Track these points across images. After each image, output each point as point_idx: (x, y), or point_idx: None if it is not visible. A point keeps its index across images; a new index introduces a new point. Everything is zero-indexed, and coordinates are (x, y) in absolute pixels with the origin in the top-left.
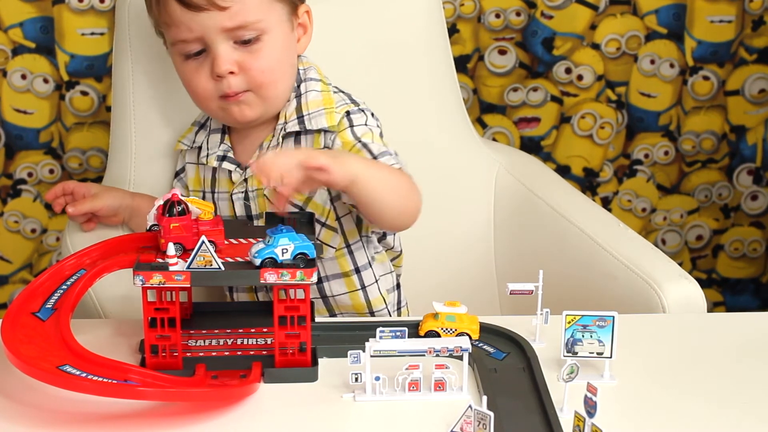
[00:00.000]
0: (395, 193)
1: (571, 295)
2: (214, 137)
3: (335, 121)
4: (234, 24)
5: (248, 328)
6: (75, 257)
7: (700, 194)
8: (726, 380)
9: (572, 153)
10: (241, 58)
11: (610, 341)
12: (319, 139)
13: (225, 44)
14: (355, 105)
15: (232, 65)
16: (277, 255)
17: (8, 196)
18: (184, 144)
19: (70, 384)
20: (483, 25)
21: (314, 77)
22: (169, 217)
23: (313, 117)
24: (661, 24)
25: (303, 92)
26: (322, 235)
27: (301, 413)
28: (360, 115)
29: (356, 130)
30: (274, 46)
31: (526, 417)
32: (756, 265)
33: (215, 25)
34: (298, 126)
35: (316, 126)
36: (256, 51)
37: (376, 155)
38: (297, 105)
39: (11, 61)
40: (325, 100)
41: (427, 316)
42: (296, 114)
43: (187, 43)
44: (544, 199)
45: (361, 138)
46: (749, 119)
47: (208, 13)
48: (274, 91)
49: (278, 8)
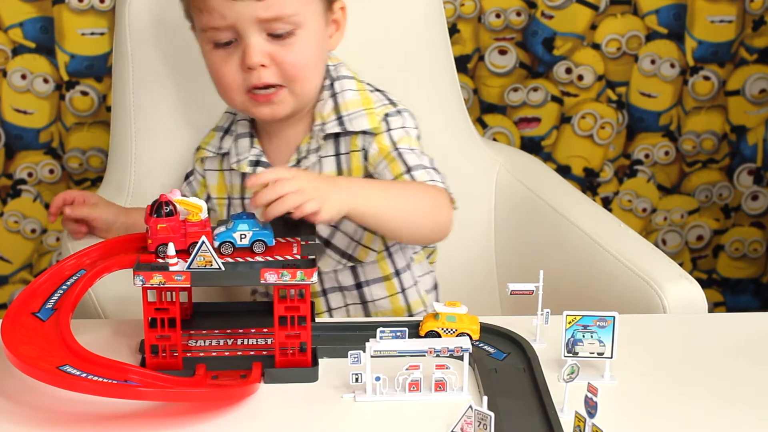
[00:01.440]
0: (413, 216)
1: (571, 295)
2: (242, 142)
3: (377, 122)
4: (270, 15)
5: (248, 329)
6: (75, 257)
7: (700, 194)
8: (726, 380)
9: (572, 153)
10: (274, 50)
11: (610, 341)
12: (357, 140)
13: (258, 36)
14: (393, 105)
15: (263, 57)
16: (235, 239)
17: (8, 196)
18: (209, 151)
19: (70, 384)
20: (483, 25)
21: (347, 74)
22: (156, 217)
23: (353, 118)
24: (661, 24)
25: (338, 91)
26: (364, 239)
27: (301, 413)
28: (398, 118)
29: (393, 134)
30: (308, 41)
31: (526, 417)
32: (756, 266)
33: (250, 15)
34: (338, 127)
35: (357, 128)
36: (289, 45)
37: (410, 167)
38: (334, 105)
39: (11, 61)
40: (364, 100)
41: (428, 316)
42: (335, 114)
43: (219, 31)
44: (545, 199)
45: (398, 144)
46: (750, 119)
47: (244, 2)
48: (307, 86)
49: (314, 3)
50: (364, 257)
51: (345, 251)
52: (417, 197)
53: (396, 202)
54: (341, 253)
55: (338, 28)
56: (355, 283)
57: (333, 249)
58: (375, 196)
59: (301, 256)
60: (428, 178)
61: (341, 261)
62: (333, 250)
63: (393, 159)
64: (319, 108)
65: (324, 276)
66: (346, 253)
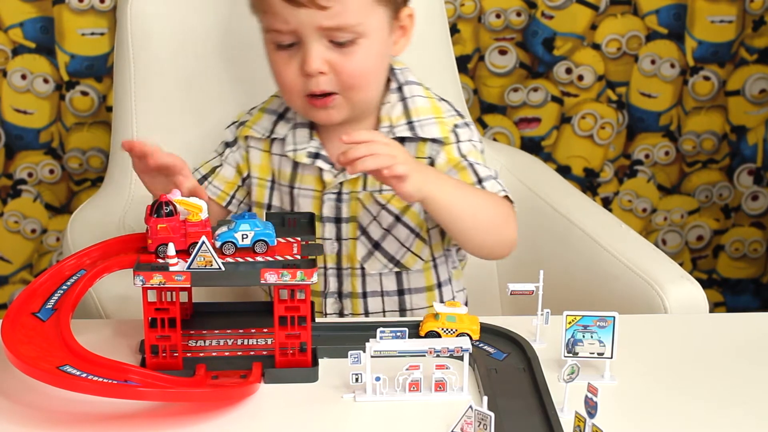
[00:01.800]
0: (483, 222)
1: (572, 295)
2: (301, 131)
3: (447, 132)
4: (332, 24)
5: (248, 329)
6: (75, 257)
7: (700, 194)
8: (727, 381)
9: (573, 153)
10: (334, 58)
11: (610, 342)
12: (424, 148)
13: (319, 42)
14: (461, 117)
15: (322, 65)
16: (237, 240)
17: (8, 196)
18: (255, 131)
19: (70, 384)
20: (483, 25)
21: (414, 80)
22: (156, 217)
23: (424, 124)
24: (661, 24)
25: (408, 96)
26: (414, 246)
27: (301, 413)
28: (466, 130)
29: (462, 146)
30: (369, 51)
31: (526, 417)
32: (756, 266)
33: (312, 22)
34: (408, 132)
35: (428, 134)
36: (349, 53)
37: (482, 178)
38: (404, 109)
39: (11, 61)
40: (434, 108)
41: (428, 316)
42: (405, 119)
43: (281, 34)
44: (545, 199)
45: (467, 156)
46: (750, 119)
47: (307, 9)
48: (364, 95)
49: (380, 12)
50: (411, 264)
51: (393, 256)
52: (490, 206)
53: (471, 204)
54: (389, 258)
55: (404, 33)
56: (398, 289)
57: (382, 252)
58: (454, 193)
59: (301, 256)
60: (499, 189)
61: (388, 265)
62: (382, 254)
63: (463, 168)
64: (387, 111)
65: (368, 278)
66: (395, 258)
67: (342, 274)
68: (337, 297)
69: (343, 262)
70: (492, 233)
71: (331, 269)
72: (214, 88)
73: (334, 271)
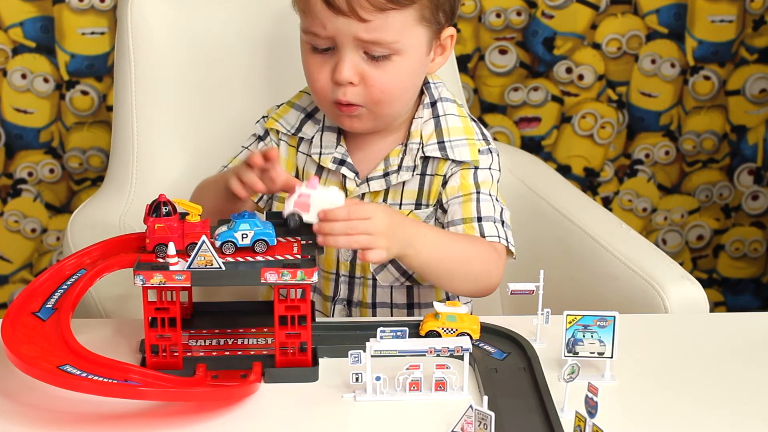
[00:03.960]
0: (459, 273)
1: (572, 295)
2: (329, 135)
3: (476, 155)
4: (369, 38)
5: (248, 328)
6: (75, 257)
7: (700, 194)
8: (727, 380)
9: (573, 153)
10: (366, 70)
11: (611, 341)
12: (444, 166)
13: (354, 53)
14: (486, 143)
15: (354, 76)
16: (237, 239)
17: (8, 196)
18: (282, 126)
19: (71, 384)
20: (483, 24)
21: (449, 98)
22: (155, 217)
23: (455, 145)
24: (661, 24)
25: (441, 114)
26: None
27: (301, 413)
28: (487, 157)
29: (479, 174)
30: (403, 69)
31: (526, 417)
32: (757, 265)
33: (350, 32)
34: (438, 152)
35: (459, 157)
36: (383, 68)
37: (482, 216)
38: (436, 128)
39: (11, 60)
40: (466, 129)
41: (428, 315)
42: (436, 138)
43: (318, 38)
44: (546, 198)
45: (480, 187)
46: (750, 119)
47: (347, 19)
48: (389, 110)
49: (420, 32)
50: (423, 280)
51: (406, 271)
52: (473, 259)
53: (450, 261)
54: (402, 272)
55: (443, 52)
56: (407, 302)
57: (395, 266)
58: (430, 257)
59: (301, 255)
60: (494, 234)
61: (400, 279)
62: (395, 267)
63: (469, 200)
64: (419, 126)
65: (378, 290)
66: (407, 273)
67: (354, 283)
68: (346, 304)
69: (356, 270)
70: (468, 284)
71: (343, 276)
72: (214, 88)
73: (345, 278)
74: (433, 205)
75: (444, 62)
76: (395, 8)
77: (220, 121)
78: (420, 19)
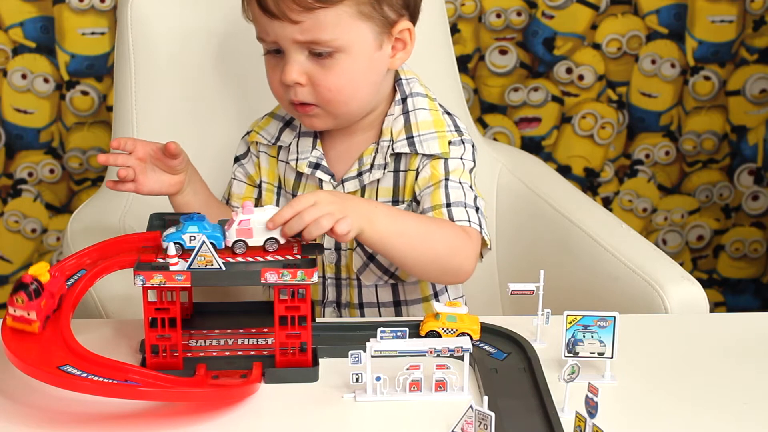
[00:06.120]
0: (419, 252)
1: (572, 295)
2: (305, 141)
3: (446, 147)
4: (306, 39)
5: (249, 328)
6: (75, 257)
7: (701, 194)
8: (727, 381)
9: (573, 153)
10: (312, 70)
11: (611, 341)
12: (416, 160)
13: (298, 54)
14: (459, 134)
15: (300, 76)
16: (185, 241)
17: (8, 196)
18: (263, 137)
19: (70, 384)
20: (484, 25)
21: (420, 92)
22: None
23: (424, 140)
24: (662, 24)
25: (411, 109)
26: None
27: (301, 413)
28: (459, 148)
29: (450, 163)
30: (350, 66)
31: (527, 417)
32: (757, 266)
33: (286, 35)
34: (407, 147)
35: (428, 150)
36: (329, 67)
37: (451, 202)
38: (406, 123)
39: (11, 60)
40: (436, 122)
41: (428, 316)
42: (405, 134)
43: (265, 42)
44: (546, 199)
45: (449, 175)
46: (750, 119)
47: (280, 22)
48: (344, 108)
49: (363, 28)
50: (405, 276)
51: (388, 269)
52: (437, 237)
53: (410, 239)
54: (384, 270)
55: (404, 47)
56: (394, 300)
57: (376, 264)
58: (389, 230)
59: (301, 256)
60: (464, 218)
61: (383, 277)
62: (376, 266)
63: (438, 187)
64: (389, 123)
65: (364, 290)
66: (389, 271)
67: (341, 285)
68: (335, 306)
69: (342, 272)
70: (435, 266)
71: (330, 279)
72: (214, 88)
73: (332, 281)
74: (409, 201)
75: (407, 57)
76: (323, 6)
77: (220, 121)
78: (358, 15)
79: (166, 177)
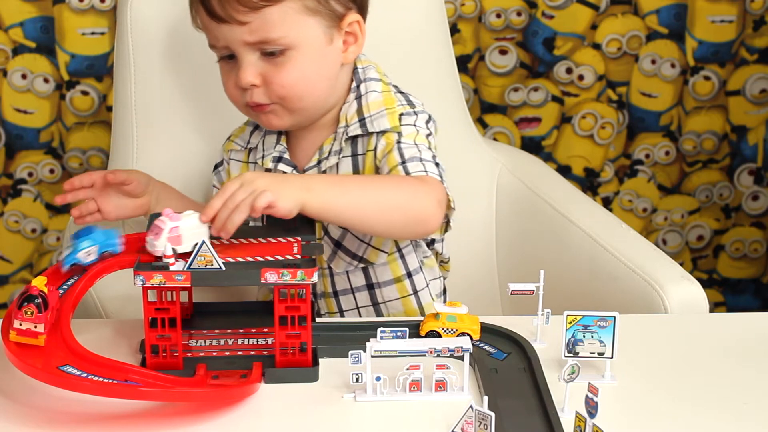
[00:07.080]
0: (372, 209)
1: (572, 295)
2: (270, 138)
3: (397, 121)
4: (255, 39)
5: (249, 328)
6: None
7: (701, 194)
8: (727, 381)
9: (573, 153)
10: (266, 70)
11: (611, 341)
12: (372, 140)
13: (250, 55)
14: (411, 107)
15: (254, 78)
16: (81, 259)
17: (8, 196)
18: (237, 144)
19: (70, 384)
20: (484, 25)
21: (374, 77)
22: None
23: (375, 119)
24: (662, 24)
25: (363, 93)
26: (374, 240)
27: (301, 413)
28: (411, 117)
29: (402, 129)
30: (302, 61)
31: (527, 417)
32: (757, 266)
33: (236, 38)
34: (360, 129)
35: (378, 128)
36: (281, 64)
37: (405, 159)
38: (358, 107)
39: (11, 60)
40: (386, 100)
41: (428, 316)
42: (357, 117)
43: (217, 48)
44: (546, 199)
45: (403, 138)
46: (750, 119)
47: (229, 25)
48: (300, 104)
49: (311, 23)
50: (374, 259)
51: (356, 253)
52: (389, 191)
53: (357, 196)
54: (352, 255)
55: (356, 40)
56: (367, 284)
57: (344, 251)
58: (330, 192)
59: (301, 256)
60: (420, 170)
61: (352, 262)
62: (344, 252)
63: (392, 151)
64: (345, 110)
65: (336, 277)
66: (357, 255)
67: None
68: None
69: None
70: (396, 218)
71: None
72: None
73: None
74: None
75: (359, 51)
76: (268, 4)
77: (220, 121)
78: (304, 10)
79: (129, 201)
